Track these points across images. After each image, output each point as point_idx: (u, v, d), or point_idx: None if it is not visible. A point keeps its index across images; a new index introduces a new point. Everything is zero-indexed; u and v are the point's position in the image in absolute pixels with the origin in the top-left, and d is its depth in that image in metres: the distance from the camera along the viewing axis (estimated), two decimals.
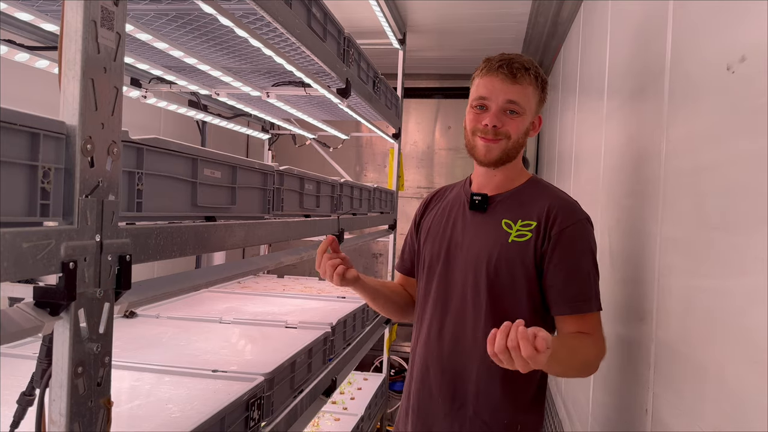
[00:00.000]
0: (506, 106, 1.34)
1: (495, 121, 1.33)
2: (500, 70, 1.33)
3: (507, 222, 1.37)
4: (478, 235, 1.40)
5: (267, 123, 3.94)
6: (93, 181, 0.80)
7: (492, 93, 1.34)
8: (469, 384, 1.36)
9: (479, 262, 1.36)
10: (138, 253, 0.93)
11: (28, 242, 0.71)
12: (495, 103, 1.34)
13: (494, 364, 1.33)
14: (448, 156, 5.07)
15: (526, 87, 1.34)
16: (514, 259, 1.34)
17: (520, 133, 1.36)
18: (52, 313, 0.77)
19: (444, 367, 1.39)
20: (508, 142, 1.35)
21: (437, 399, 1.40)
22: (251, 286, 3.23)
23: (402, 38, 3.71)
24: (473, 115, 1.37)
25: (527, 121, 1.37)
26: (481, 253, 1.37)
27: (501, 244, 1.35)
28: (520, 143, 1.38)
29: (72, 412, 0.80)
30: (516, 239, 1.35)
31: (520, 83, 1.33)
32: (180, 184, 1.11)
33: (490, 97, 1.34)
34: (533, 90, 1.36)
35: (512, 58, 1.34)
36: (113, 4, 0.83)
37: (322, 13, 1.83)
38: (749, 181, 0.85)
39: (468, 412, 1.36)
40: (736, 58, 0.90)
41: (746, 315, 0.85)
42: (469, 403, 1.36)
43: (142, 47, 1.87)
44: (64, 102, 0.78)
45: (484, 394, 1.35)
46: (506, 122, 1.34)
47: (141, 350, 1.81)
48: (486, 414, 1.35)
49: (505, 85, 1.33)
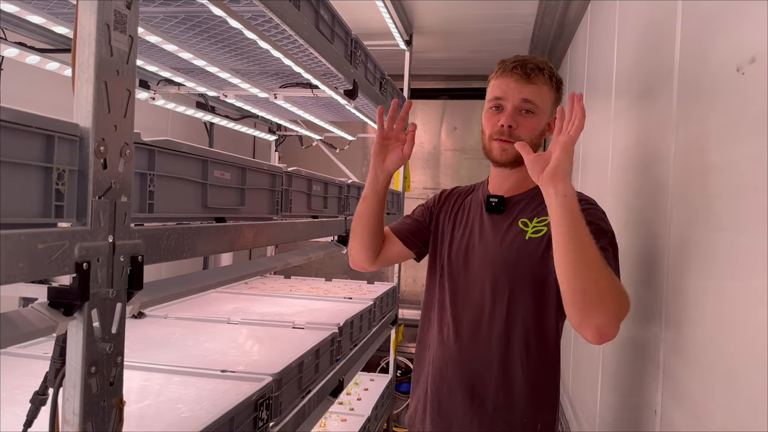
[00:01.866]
0: (521, 106, 1.35)
1: (510, 120, 1.34)
2: (515, 70, 1.35)
3: (524, 221, 1.39)
4: (496, 236, 1.41)
5: (274, 124, 3.95)
6: (106, 182, 0.81)
7: (507, 93, 1.36)
8: (489, 382, 1.37)
9: (499, 261, 1.38)
10: (150, 254, 0.94)
11: (42, 243, 0.72)
12: (510, 103, 1.35)
13: (514, 362, 1.36)
14: (454, 157, 5.07)
15: (541, 86, 1.35)
16: (532, 254, 1.35)
17: (534, 133, 1.37)
18: (65, 314, 0.78)
19: (464, 366, 1.40)
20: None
21: (457, 397, 1.41)
22: (258, 286, 3.24)
23: (408, 39, 3.72)
24: (489, 115, 1.39)
25: (543, 122, 1.38)
26: (500, 252, 1.38)
27: (519, 242, 1.37)
28: (534, 144, 1.38)
29: (85, 411, 0.80)
30: (533, 235, 1.36)
31: (535, 83, 1.35)
32: (190, 186, 1.12)
33: (505, 97, 1.36)
34: (548, 90, 1.37)
35: (526, 59, 1.37)
36: (126, 8, 0.84)
37: (330, 15, 1.84)
38: (758, 182, 0.85)
39: (488, 409, 1.37)
40: (746, 59, 0.90)
41: (755, 316, 0.85)
42: (489, 400, 1.37)
43: (152, 49, 1.88)
44: (77, 104, 0.79)
45: (504, 392, 1.36)
46: (521, 123, 1.35)
47: (150, 350, 1.82)
48: (506, 411, 1.36)
49: (520, 84, 1.35)
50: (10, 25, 1.69)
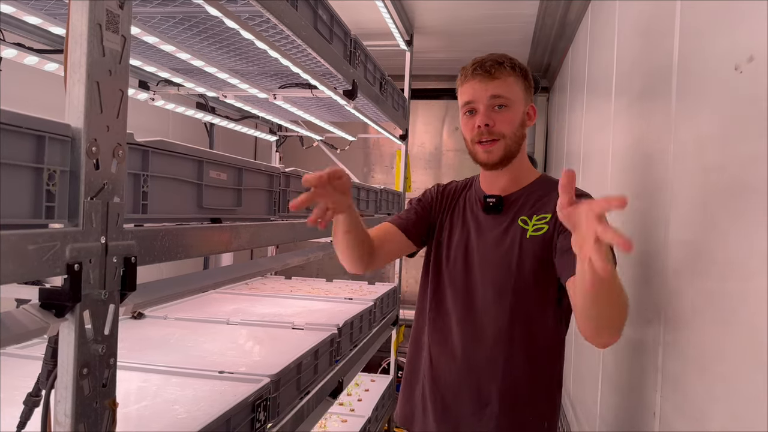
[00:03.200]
0: (492, 102, 1.36)
1: (485, 119, 1.36)
2: (475, 72, 1.37)
3: (523, 219, 1.39)
4: (496, 236, 1.41)
5: (275, 125, 3.95)
6: (98, 183, 0.81)
7: (475, 95, 1.37)
8: (494, 383, 1.37)
9: (500, 261, 1.38)
10: (143, 255, 0.93)
11: (33, 244, 0.71)
12: (481, 103, 1.37)
13: (518, 362, 1.35)
14: (456, 157, 5.06)
15: (506, 79, 1.36)
16: (534, 252, 1.34)
17: (514, 126, 1.38)
18: (57, 315, 0.78)
19: (469, 367, 1.40)
20: (506, 140, 1.37)
21: (463, 398, 1.40)
22: (259, 287, 3.23)
23: (409, 39, 3.71)
24: (465, 121, 1.41)
25: (519, 112, 1.38)
26: (502, 252, 1.38)
27: (520, 241, 1.37)
28: (518, 136, 1.39)
29: (77, 413, 0.80)
30: (534, 234, 1.36)
31: (499, 77, 1.36)
32: (185, 186, 1.11)
33: (475, 99, 1.38)
34: (514, 80, 1.38)
35: (484, 58, 1.38)
36: (118, 7, 0.83)
37: (329, 15, 1.83)
38: (756, 180, 0.84)
39: (494, 410, 1.36)
40: (744, 58, 0.89)
41: (754, 316, 0.84)
42: (494, 401, 1.37)
43: (150, 50, 1.88)
44: (69, 105, 0.79)
45: (510, 393, 1.36)
46: (497, 119, 1.36)
47: (148, 351, 1.81)
48: (511, 412, 1.36)
49: (485, 83, 1.36)
50: (8, 26, 1.69)
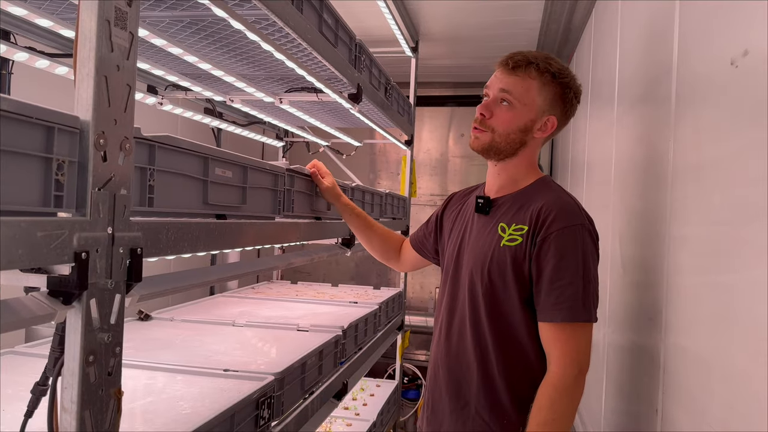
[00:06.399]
0: (499, 96, 1.35)
1: (483, 109, 1.36)
2: (503, 62, 1.37)
3: (503, 226, 1.36)
4: (479, 239, 1.41)
5: (281, 131, 3.98)
6: (105, 174, 0.83)
7: (491, 83, 1.38)
8: (472, 384, 1.37)
9: (476, 265, 1.37)
10: (149, 247, 0.95)
11: (42, 231, 0.73)
12: (492, 93, 1.37)
13: (491, 364, 1.37)
14: (462, 164, 5.08)
15: (525, 79, 1.33)
16: (504, 263, 1.32)
17: (509, 127, 1.34)
18: (64, 302, 0.79)
19: (450, 367, 1.41)
20: (494, 135, 1.35)
21: (445, 397, 1.42)
22: (265, 291, 3.25)
23: (414, 46, 3.74)
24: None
25: (523, 116, 1.34)
26: (479, 256, 1.37)
27: (494, 248, 1.34)
28: (511, 138, 1.35)
29: (83, 400, 0.81)
30: (507, 243, 1.32)
31: (517, 74, 1.33)
32: (191, 182, 1.13)
33: (490, 87, 1.38)
34: (538, 84, 1.33)
35: (519, 52, 1.36)
36: (126, 5, 0.86)
37: (334, 19, 1.86)
38: (754, 173, 0.85)
39: (471, 411, 1.37)
40: (740, 52, 0.91)
41: (755, 311, 0.84)
42: (471, 402, 1.37)
43: (159, 53, 1.91)
44: (78, 98, 0.81)
45: (485, 395, 1.35)
46: (496, 113, 1.35)
47: (155, 351, 1.83)
48: (486, 413, 1.35)
49: (502, 75, 1.36)
50: (20, 30, 1.73)
